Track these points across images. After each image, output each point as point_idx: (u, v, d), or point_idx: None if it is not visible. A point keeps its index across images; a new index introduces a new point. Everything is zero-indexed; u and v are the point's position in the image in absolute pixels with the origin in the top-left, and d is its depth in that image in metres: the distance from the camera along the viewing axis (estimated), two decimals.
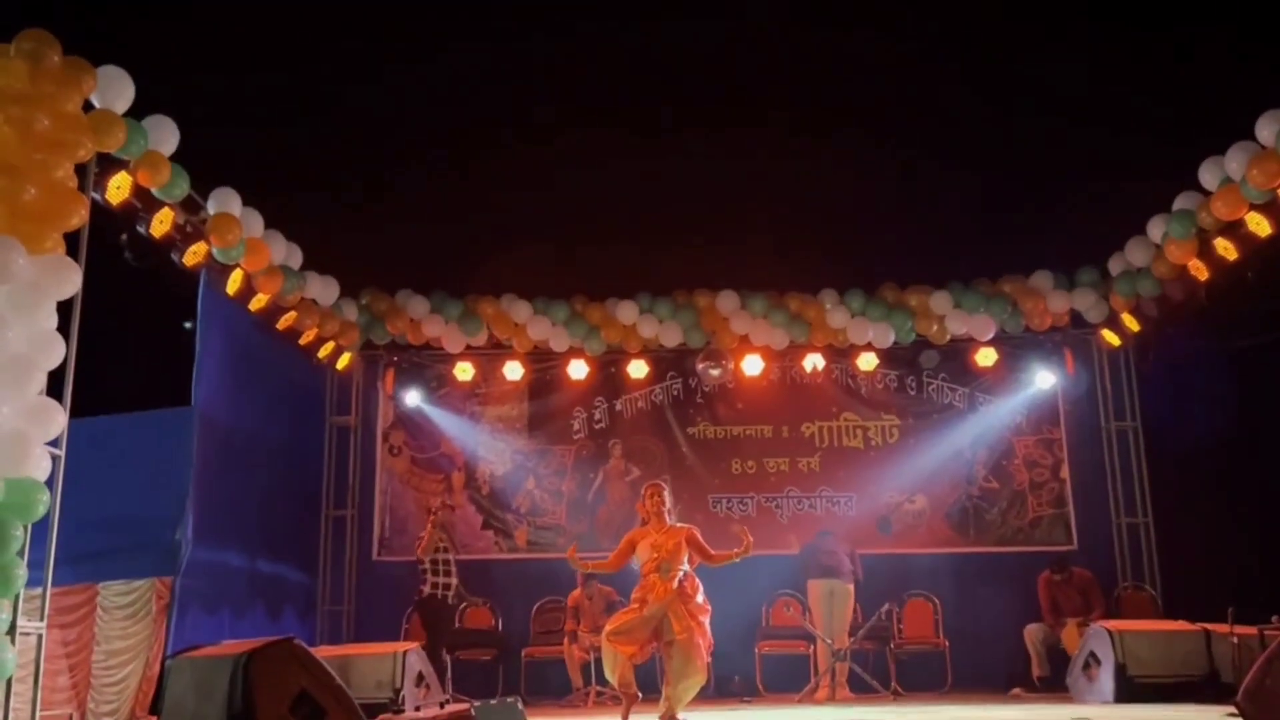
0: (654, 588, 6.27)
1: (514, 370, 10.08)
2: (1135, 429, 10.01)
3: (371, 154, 9.70)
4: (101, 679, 6.82)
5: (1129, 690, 7.13)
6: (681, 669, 6.19)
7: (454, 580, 8.49)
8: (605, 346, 9.88)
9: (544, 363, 10.23)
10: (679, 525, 6.55)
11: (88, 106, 5.65)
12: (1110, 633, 7.38)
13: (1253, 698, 4.08)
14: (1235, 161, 7.13)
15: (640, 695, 6.40)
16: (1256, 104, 6.87)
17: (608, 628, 6.32)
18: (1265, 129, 6.81)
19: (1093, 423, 10.12)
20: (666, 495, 6.58)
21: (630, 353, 9.97)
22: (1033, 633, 8.84)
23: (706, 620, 6.36)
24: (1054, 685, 8.45)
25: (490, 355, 10.18)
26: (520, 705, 4.51)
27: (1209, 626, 7.28)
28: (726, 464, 10.26)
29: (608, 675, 6.44)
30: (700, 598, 6.38)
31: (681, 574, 6.32)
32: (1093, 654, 7.61)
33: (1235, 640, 6.76)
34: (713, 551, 6.51)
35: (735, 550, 6.39)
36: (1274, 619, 6.37)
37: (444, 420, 10.34)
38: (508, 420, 10.41)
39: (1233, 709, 4.35)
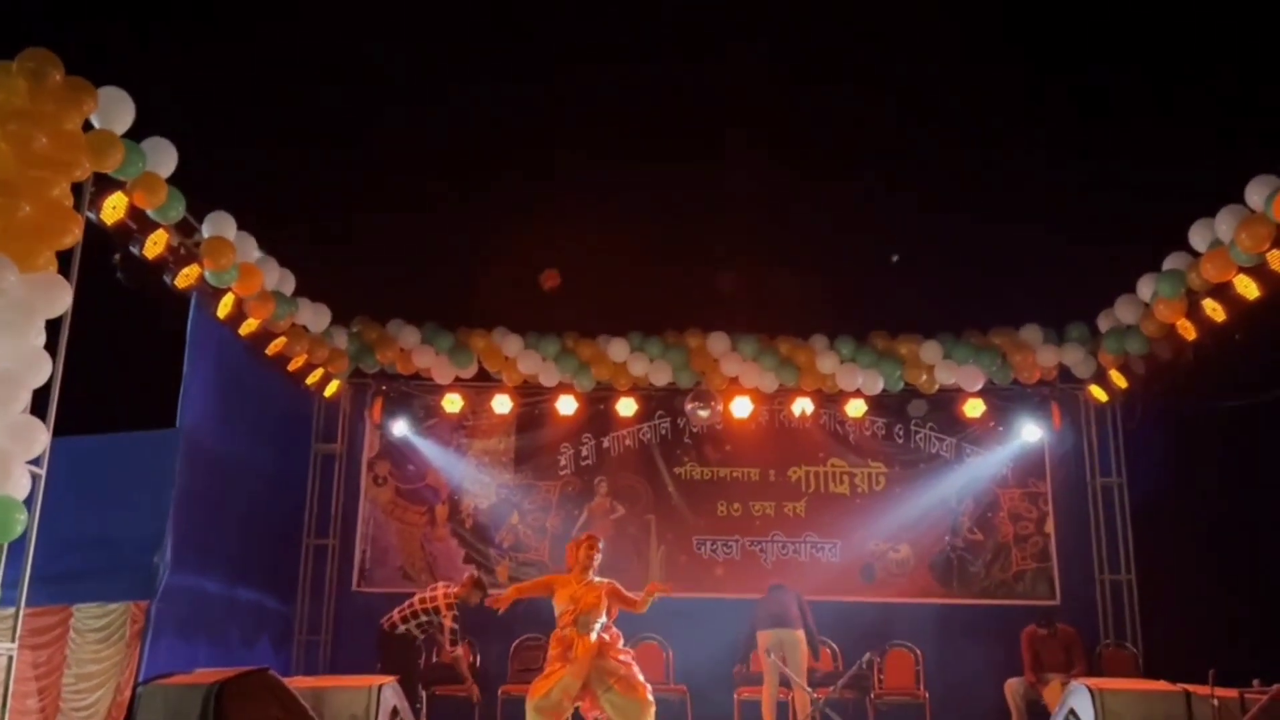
0: (571, 644, 6.27)
1: (502, 404, 10.06)
2: (1120, 485, 10.02)
3: (368, 183, 9.72)
4: (71, 702, 6.72)
5: None
6: (629, 706, 6.17)
7: (421, 636, 8.41)
8: (595, 383, 9.88)
9: (533, 397, 10.21)
10: (599, 581, 6.56)
11: (87, 126, 5.67)
12: (1091, 690, 7.33)
13: None
14: (1225, 224, 7.20)
15: None
16: (1247, 168, 6.95)
17: (531, 700, 6.23)
18: (1255, 194, 6.88)
19: (1078, 478, 10.13)
20: (598, 551, 6.62)
21: (619, 390, 9.97)
22: (1013, 687, 8.78)
23: (632, 660, 6.40)
24: None
25: (479, 388, 10.16)
26: None
27: (1190, 687, 7.22)
28: (712, 505, 10.23)
29: None
30: (621, 644, 6.41)
31: (600, 626, 6.34)
32: (1073, 711, 7.55)
33: (1216, 703, 6.71)
34: (633, 597, 6.54)
35: (640, 596, 6.45)
36: (1255, 682, 6.35)
37: (430, 451, 10.31)
38: (494, 454, 10.38)
39: None
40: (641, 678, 6.35)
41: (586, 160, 9.77)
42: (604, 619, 6.42)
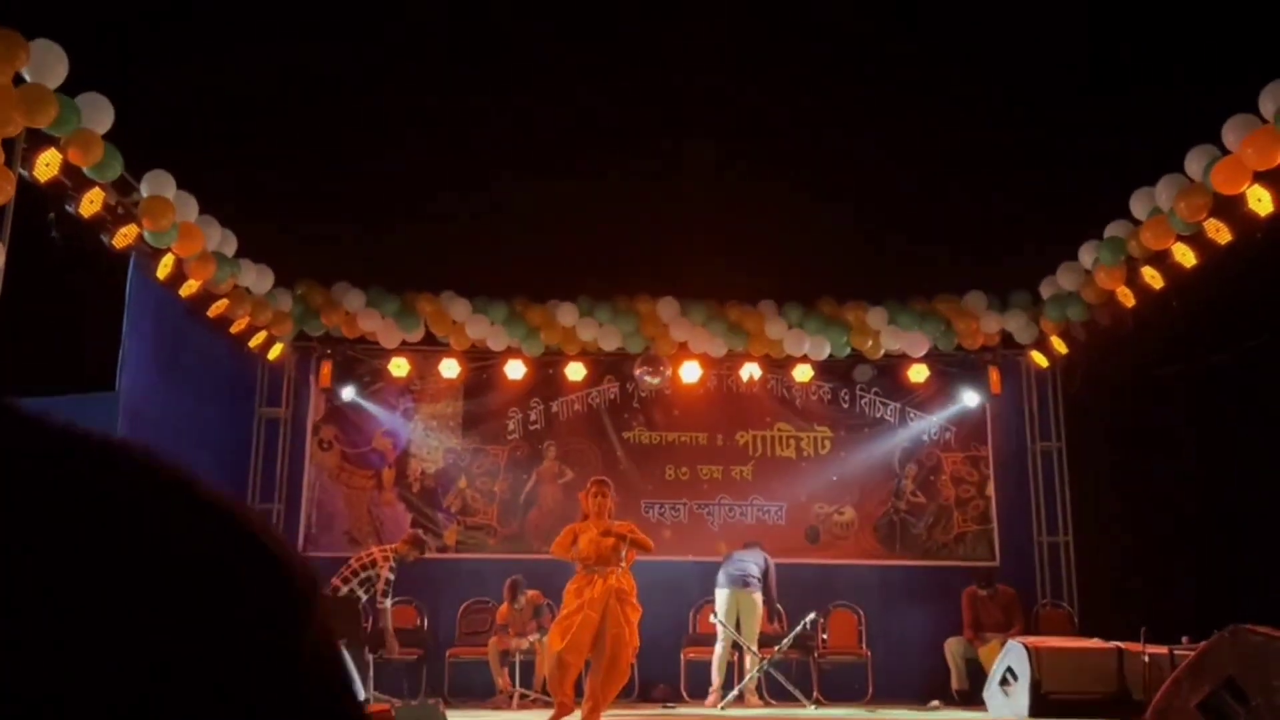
0: (592, 583, 6.42)
1: (450, 368, 10.00)
2: (1060, 449, 10.23)
3: (313, 143, 9.54)
4: None
5: (1042, 706, 7.28)
6: (609, 668, 6.36)
7: (365, 596, 8.40)
8: (544, 348, 9.85)
9: (481, 362, 10.16)
10: (618, 524, 6.74)
11: (18, 80, 5.51)
12: (1027, 649, 7.53)
13: (1161, 717, 4.18)
14: (1165, 193, 7.35)
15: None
16: (1186, 138, 7.08)
17: (559, 645, 6.40)
18: (1194, 163, 7.03)
19: (1019, 442, 10.32)
20: (610, 493, 6.78)
21: (568, 355, 9.95)
22: (952, 646, 8.99)
23: (636, 621, 6.54)
24: (972, 699, 8.60)
25: (426, 352, 10.10)
26: (441, 707, 4.45)
27: (1122, 645, 7.46)
28: (660, 470, 10.29)
29: (551, 687, 6.53)
30: (634, 597, 6.56)
31: (619, 571, 6.49)
32: (1010, 669, 7.75)
33: (1146, 659, 6.93)
34: (646, 540, 6.83)
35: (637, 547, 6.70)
36: (1184, 640, 6.55)
37: (377, 416, 10.23)
38: (442, 418, 10.33)
39: None
40: (631, 646, 6.54)
41: (538, 123, 9.68)
42: (623, 564, 6.61)
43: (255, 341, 9.15)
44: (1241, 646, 4.03)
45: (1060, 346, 9.47)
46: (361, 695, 7.17)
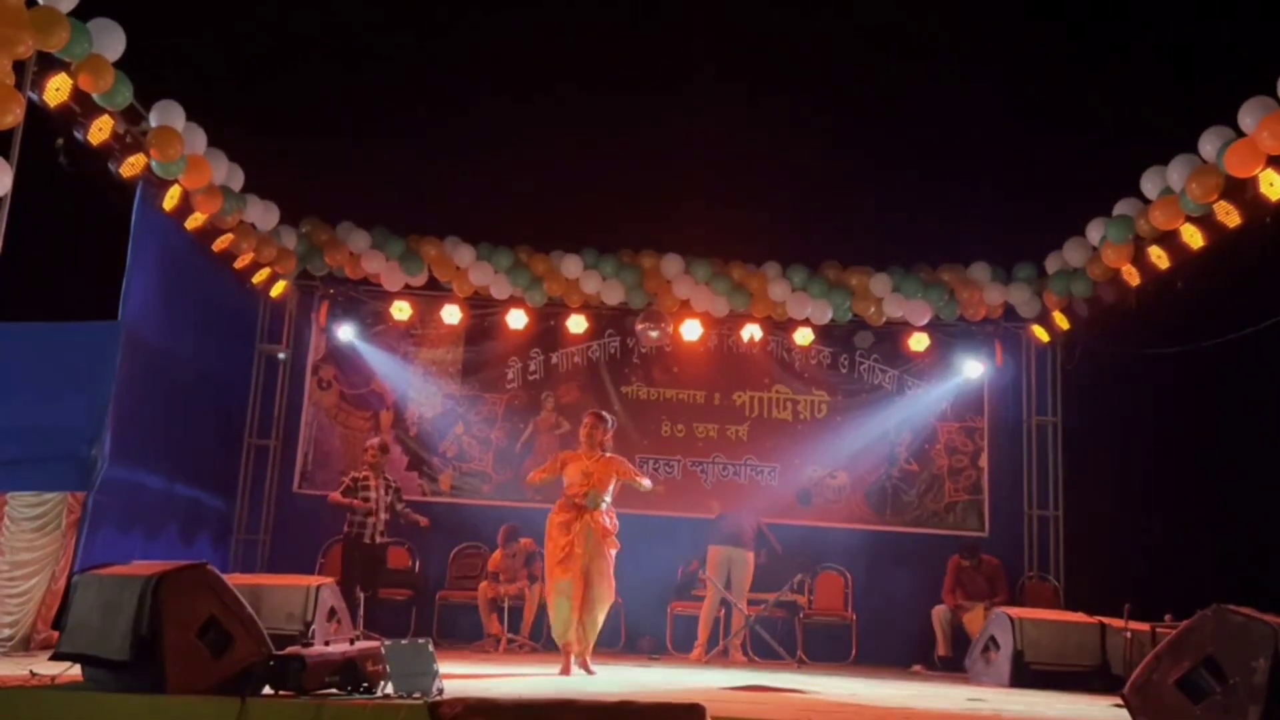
0: (581, 514, 6.51)
1: (452, 314, 10.01)
2: (1055, 424, 10.26)
3: (324, 81, 9.47)
4: (4, 590, 6.67)
5: (1023, 676, 7.36)
6: (595, 596, 6.48)
7: (374, 519, 8.56)
8: (546, 298, 9.85)
9: (483, 309, 10.17)
10: (609, 456, 6.81)
11: (31, 2, 5.46)
12: (1011, 619, 7.61)
13: (1139, 691, 4.23)
14: (1177, 173, 7.30)
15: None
16: (1201, 118, 7.03)
17: (554, 585, 6.50)
18: (1208, 144, 6.97)
19: (1015, 415, 10.36)
20: (607, 428, 6.83)
21: (571, 307, 9.96)
22: (940, 613, 9.07)
23: (614, 555, 6.66)
24: (955, 666, 8.71)
25: (429, 297, 10.10)
26: (430, 647, 4.51)
27: (1105, 620, 7.54)
28: (656, 425, 10.33)
29: (557, 635, 6.67)
30: (615, 533, 6.69)
31: (605, 504, 6.58)
32: (993, 638, 7.84)
33: (1128, 635, 7.01)
34: (637, 474, 6.97)
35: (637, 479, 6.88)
36: (1166, 617, 6.62)
37: (376, 358, 10.24)
38: (441, 364, 10.34)
39: (1119, 700, 4.52)
40: (612, 579, 6.69)
41: (550, 75, 9.60)
42: (608, 498, 6.71)
43: (258, 278, 9.14)
44: (1223, 626, 4.07)
45: (1062, 322, 9.47)
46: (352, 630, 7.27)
